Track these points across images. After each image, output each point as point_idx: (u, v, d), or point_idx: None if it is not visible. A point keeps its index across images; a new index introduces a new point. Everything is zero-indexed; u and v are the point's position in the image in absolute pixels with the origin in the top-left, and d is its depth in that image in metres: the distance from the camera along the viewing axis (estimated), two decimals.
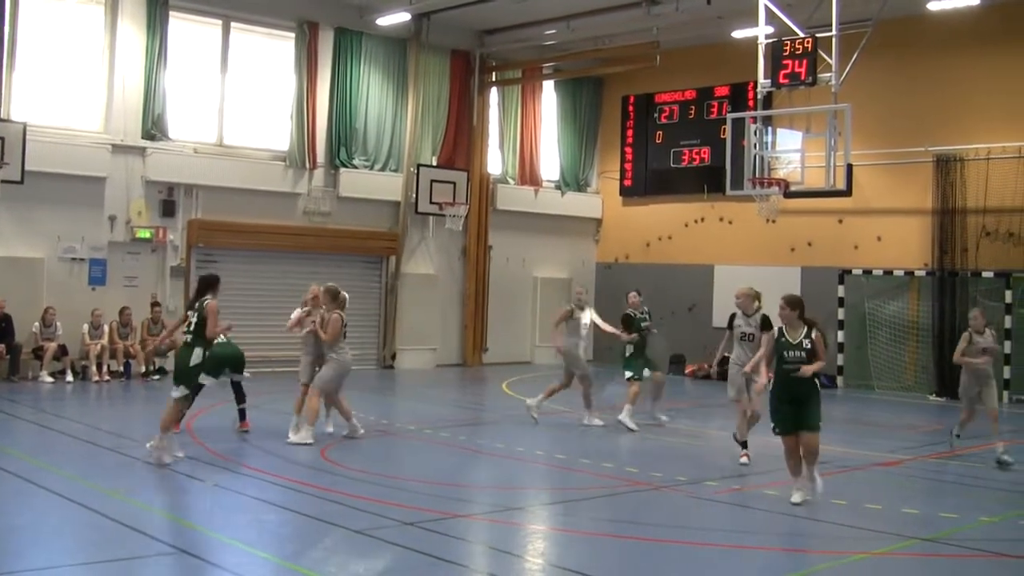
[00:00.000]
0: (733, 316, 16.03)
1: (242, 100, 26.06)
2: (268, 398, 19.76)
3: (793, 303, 12.75)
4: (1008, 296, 24.49)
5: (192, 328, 14.08)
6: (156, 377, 23.43)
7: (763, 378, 13.22)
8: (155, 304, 23.91)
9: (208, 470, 13.45)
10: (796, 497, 12.51)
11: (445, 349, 29.19)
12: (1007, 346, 24.44)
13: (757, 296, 15.90)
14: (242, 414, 16.72)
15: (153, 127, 24.21)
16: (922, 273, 25.87)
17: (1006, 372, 24.44)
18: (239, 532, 10.52)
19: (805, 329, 12.54)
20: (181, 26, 24.95)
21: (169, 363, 23.98)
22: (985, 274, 24.85)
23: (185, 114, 25.08)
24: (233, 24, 25.85)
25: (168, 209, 24.64)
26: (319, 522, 11.03)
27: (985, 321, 16.81)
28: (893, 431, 19.83)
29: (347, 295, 16.81)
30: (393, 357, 28.04)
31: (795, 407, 12.44)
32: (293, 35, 26.45)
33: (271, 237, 25.77)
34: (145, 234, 24.21)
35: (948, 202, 25.40)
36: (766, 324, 15.21)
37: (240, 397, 16.76)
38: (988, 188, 24.75)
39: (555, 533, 11.42)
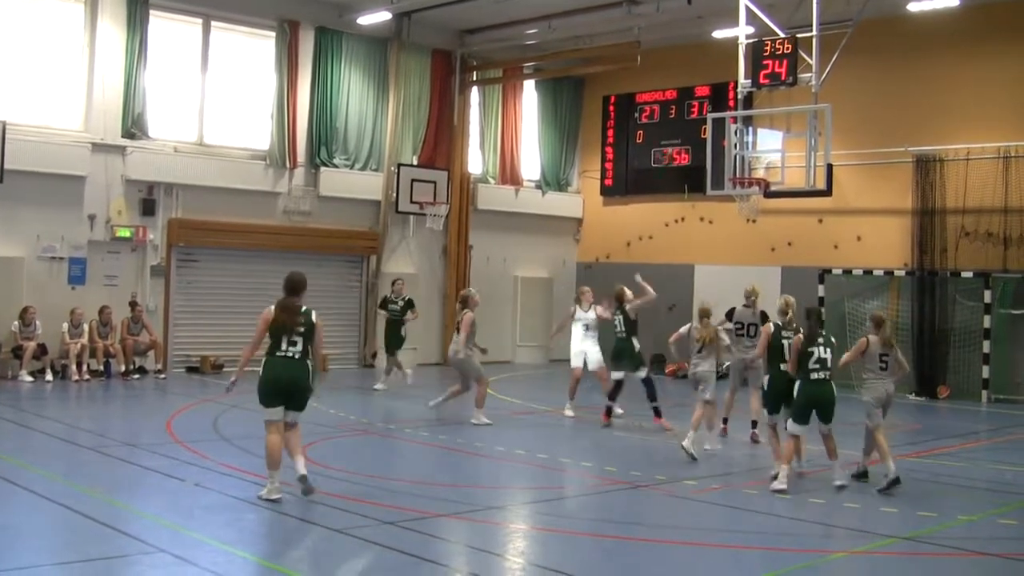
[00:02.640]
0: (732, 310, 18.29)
1: (222, 99, 26.00)
2: (248, 397, 19.69)
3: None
4: (987, 296, 24.59)
5: (301, 340, 12.10)
6: (136, 376, 23.37)
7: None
8: (135, 303, 23.84)
9: (188, 469, 13.42)
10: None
11: (426, 348, 29.16)
12: (985, 346, 24.57)
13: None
14: None
15: (133, 126, 24.14)
16: (902, 273, 25.95)
17: (985, 372, 24.56)
18: (219, 531, 10.50)
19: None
20: (161, 24, 24.88)
21: (149, 362, 23.96)
22: (964, 274, 24.94)
23: (165, 113, 25.02)
24: (213, 23, 25.79)
25: (148, 208, 24.57)
26: (299, 521, 11.04)
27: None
28: None
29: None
30: (374, 356, 28.00)
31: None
32: (274, 34, 26.42)
33: (251, 236, 25.71)
34: (125, 233, 24.13)
35: (927, 202, 25.50)
36: (764, 317, 17.25)
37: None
38: (967, 188, 24.86)
39: (535, 532, 11.44)
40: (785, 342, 14.42)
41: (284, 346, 11.91)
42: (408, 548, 10.02)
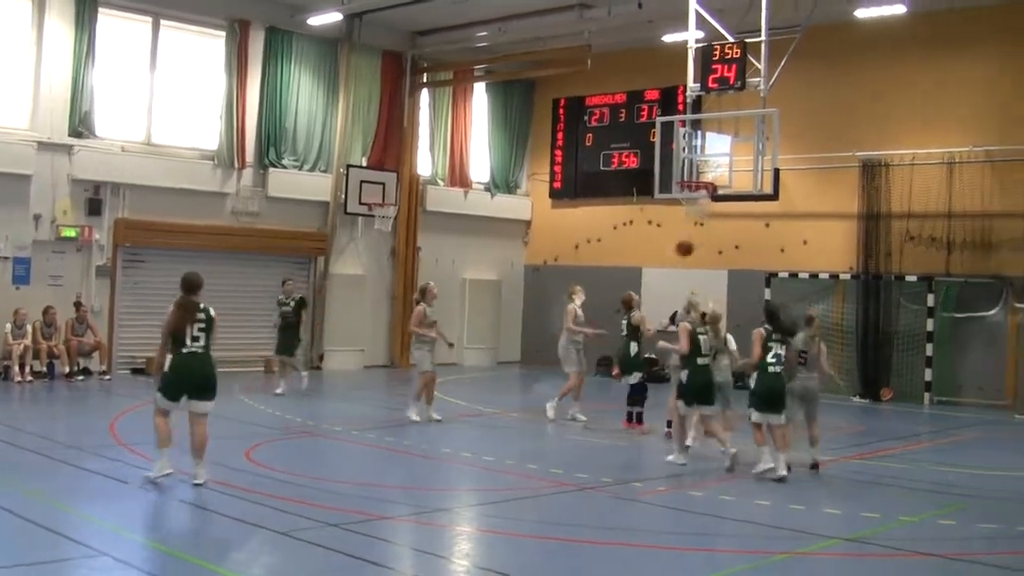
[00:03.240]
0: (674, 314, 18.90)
1: (171, 98, 25.81)
2: None
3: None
4: (930, 300, 24.84)
5: (204, 335, 12.88)
6: (80, 378, 23.18)
7: None
8: (80, 304, 23.64)
9: (131, 471, 13.32)
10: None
11: (373, 350, 29.11)
12: (928, 349, 24.81)
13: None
14: None
15: (80, 124, 23.93)
16: (847, 276, 26.16)
17: (928, 374, 24.80)
18: (162, 534, 10.46)
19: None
20: (110, 23, 24.68)
21: (93, 363, 23.77)
22: (908, 278, 25.20)
23: (113, 112, 24.82)
24: (163, 21, 25.61)
25: (94, 208, 24.37)
26: (242, 523, 10.98)
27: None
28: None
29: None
30: (321, 358, 27.93)
31: None
32: (224, 33, 26.28)
33: (199, 237, 25.53)
34: (71, 233, 23.93)
35: (873, 207, 25.73)
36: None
37: None
38: (912, 193, 25.10)
39: (480, 534, 11.45)
40: (702, 338, 15.39)
41: (188, 342, 12.57)
42: (353, 551, 10.01)
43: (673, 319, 19.06)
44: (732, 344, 16.70)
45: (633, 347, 18.90)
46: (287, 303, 22.52)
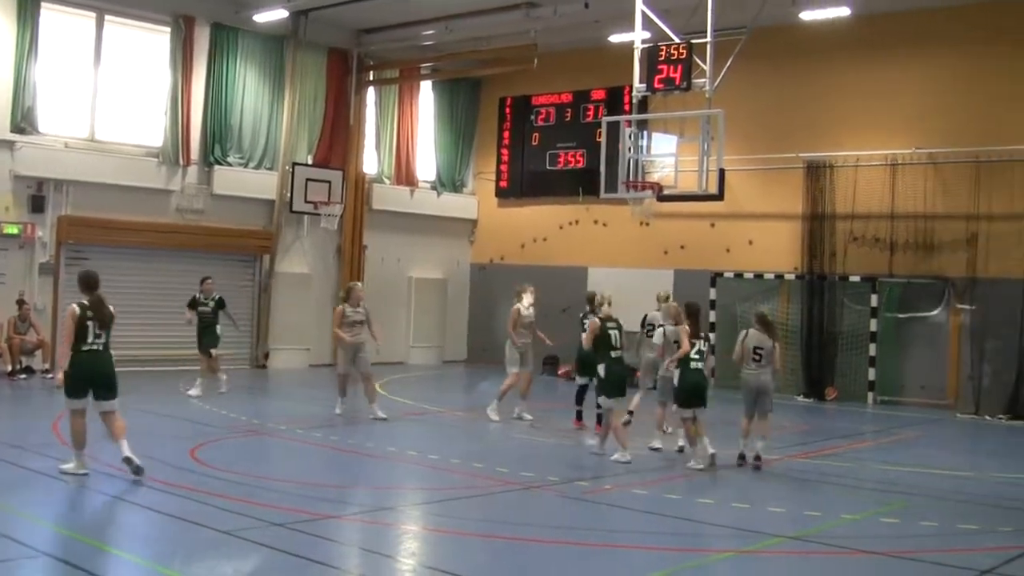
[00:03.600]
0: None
1: (115, 94, 25.62)
2: (138, 397, 19.44)
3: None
4: (874, 300, 25.05)
5: (105, 333, 13.28)
6: (23, 376, 22.96)
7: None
8: (22, 302, 23.41)
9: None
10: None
11: (319, 349, 29.00)
12: (872, 349, 25.03)
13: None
14: None
15: (23, 120, 23.69)
16: (792, 277, 26.34)
17: (871, 374, 25.01)
18: (105, 534, 10.39)
19: None
20: (53, 17, 24.45)
21: (36, 362, 23.55)
22: (852, 278, 25.41)
23: (56, 108, 24.59)
24: (107, 17, 25.41)
25: (37, 204, 24.11)
26: (187, 523, 10.91)
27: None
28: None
29: None
30: (266, 356, 27.82)
31: None
32: (168, 29, 26.10)
33: (143, 234, 25.32)
34: (13, 230, 23.68)
35: (818, 207, 25.94)
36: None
37: None
38: (856, 195, 25.33)
39: (426, 533, 11.44)
40: (612, 332, 16.06)
41: (91, 339, 12.80)
42: (297, 550, 9.97)
43: (643, 323, 20.26)
44: (659, 339, 16.83)
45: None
46: (206, 303, 21.81)
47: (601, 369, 15.92)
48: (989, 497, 14.29)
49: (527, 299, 19.76)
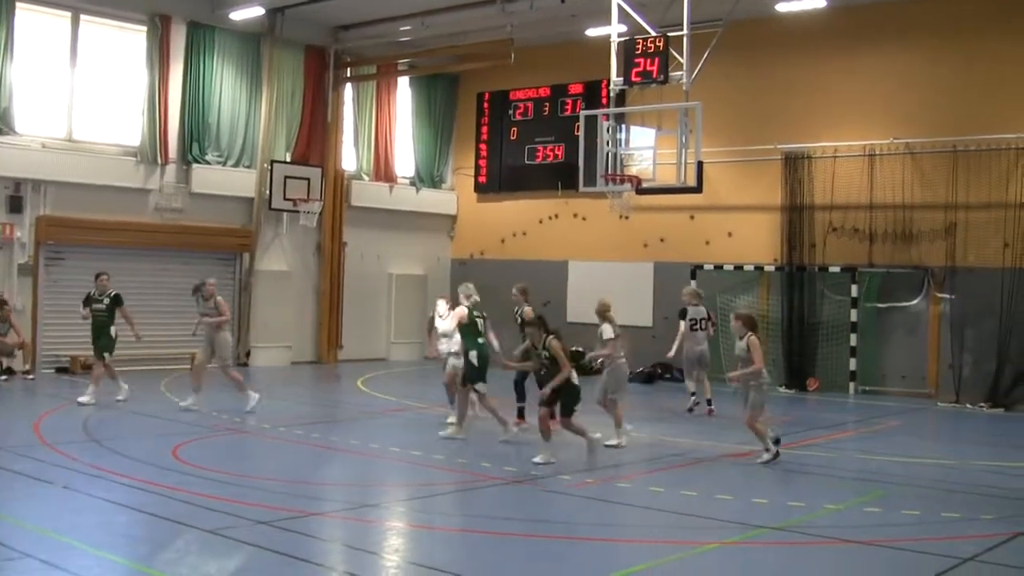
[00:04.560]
0: (685, 310, 21.13)
1: (92, 94, 25.55)
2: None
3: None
4: (854, 290, 25.13)
5: None
6: (3, 377, 22.84)
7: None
8: (3, 302, 23.30)
9: (56, 472, 13.20)
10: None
11: (300, 346, 29.01)
12: (853, 339, 25.10)
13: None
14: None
15: None
16: (771, 268, 26.39)
17: (852, 364, 25.08)
18: (88, 535, 10.33)
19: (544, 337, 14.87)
20: (29, 17, 24.40)
21: (17, 363, 23.46)
22: (832, 269, 25.47)
23: (33, 108, 24.53)
24: (83, 16, 25.34)
25: (15, 205, 24.06)
26: (170, 523, 10.89)
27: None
28: (743, 423, 20.15)
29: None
30: (247, 355, 27.77)
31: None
32: (145, 28, 26.04)
33: (122, 234, 25.27)
34: None
35: (796, 198, 25.99)
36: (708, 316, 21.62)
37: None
38: (835, 185, 25.40)
39: (410, 529, 11.43)
40: (479, 320, 16.84)
41: None
42: (282, 548, 9.96)
43: (683, 315, 21.26)
44: (608, 333, 17.02)
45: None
46: (100, 300, 20.32)
47: (474, 356, 16.51)
48: (970, 485, 14.34)
49: (440, 307, 18.88)
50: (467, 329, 16.63)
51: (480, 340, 16.64)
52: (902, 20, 24.91)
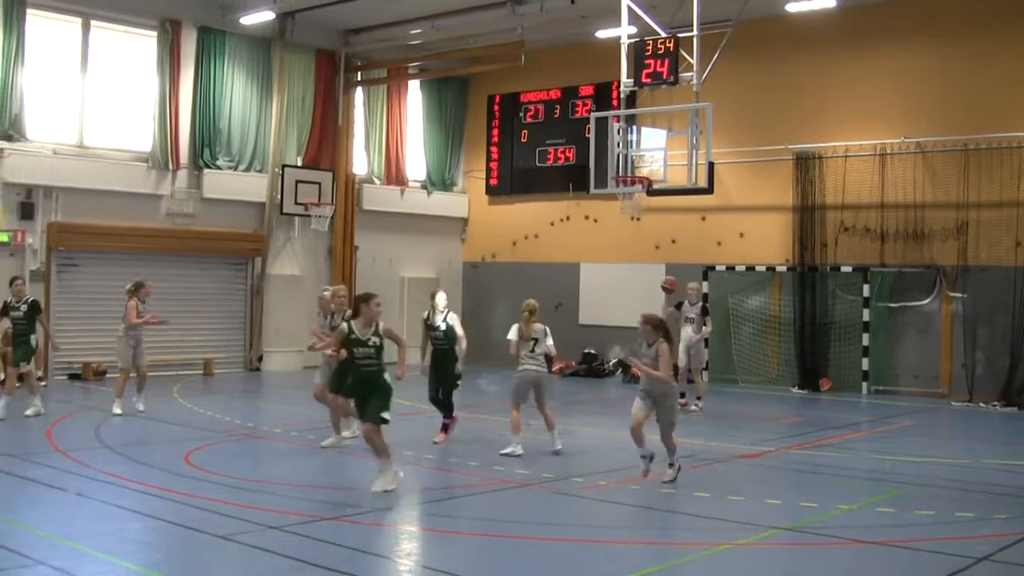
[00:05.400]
0: (682, 303, 21.63)
1: (103, 100, 25.58)
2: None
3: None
4: (866, 290, 25.10)
5: None
6: (17, 384, 22.75)
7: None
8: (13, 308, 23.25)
9: (69, 478, 13.21)
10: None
11: (313, 351, 28.95)
12: (865, 339, 25.05)
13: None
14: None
15: (10, 128, 23.65)
16: (783, 268, 26.39)
17: (864, 364, 25.04)
18: (101, 541, 10.34)
19: (374, 326, 13.21)
20: (39, 23, 24.43)
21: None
22: (844, 268, 25.46)
23: (44, 114, 24.57)
24: (93, 22, 25.37)
25: (27, 211, 24.10)
26: (182, 528, 10.90)
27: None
28: (756, 423, 20.20)
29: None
30: (260, 359, 27.79)
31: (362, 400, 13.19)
32: (155, 33, 26.09)
33: (134, 240, 25.32)
34: (3, 237, 23.64)
35: (808, 199, 25.98)
36: (706, 311, 21.98)
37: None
38: (846, 185, 25.42)
39: (423, 533, 11.44)
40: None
41: None
42: (293, 552, 9.96)
43: (679, 306, 21.70)
44: (512, 335, 16.36)
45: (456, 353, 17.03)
46: (17, 307, 19.51)
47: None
48: (984, 484, 14.32)
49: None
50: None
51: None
52: (911, 19, 24.89)
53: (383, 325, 13.45)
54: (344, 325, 13.35)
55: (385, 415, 12.99)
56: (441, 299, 17.35)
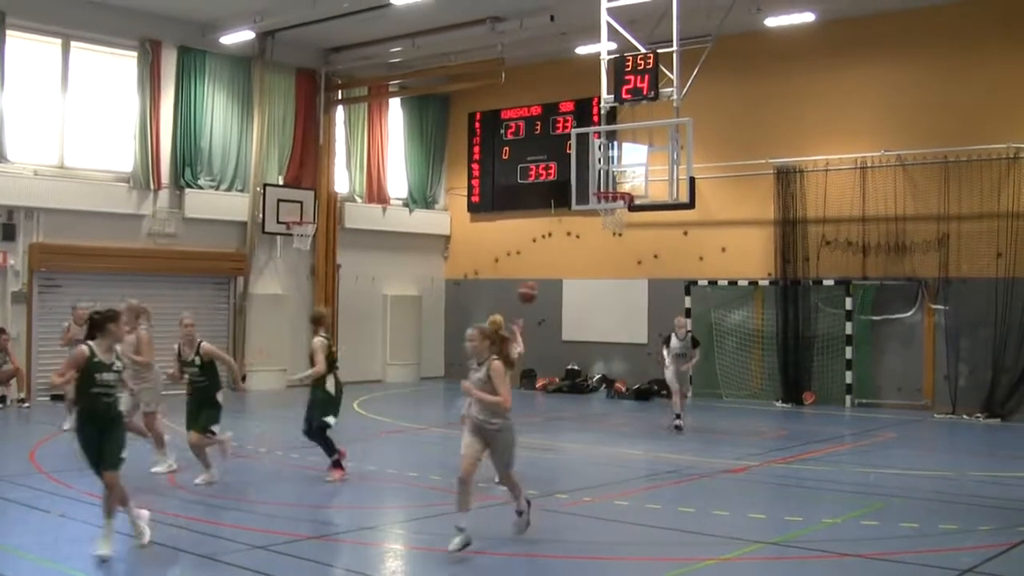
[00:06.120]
0: (669, 337, 20.92)
1: (83, 120, 25.55)
2: None
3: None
4: (848, 303, 25.15)
5: None
6: None
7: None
8: (2, 331, 23.20)
9: (52, 500, 13.16)
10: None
11: (295, 369, 28.72)
12: (848, 352, 25.10)
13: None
14: None
15: None
16: (766, 282, 26.43)
17: (848, 377, 25.08)
18: (85, 563, 10.30)
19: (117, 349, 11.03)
20: (19, 45, 24.40)
21: (12, 391, 23.39)
22: (826, 282, 25.52)
23: (24, 135, 24.53)
24: (73, 43, 25.35)
25: (8, 233, 24.04)
26: (167, 549, 10.85)
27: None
28: (740, 438, 20.22)
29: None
30: (243, 379, 27.68)
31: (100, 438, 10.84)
32: (135, 54, 26.05)
33: (116, 260, 25.26)
34: None
35: (789, 213, 26.05)
36: (695, 342, 21.21)
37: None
38: (827, 199, 25.49)
39: (408, 551, 11.42)
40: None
41: None
42: (280, 572, 9.95)
43: (667, 342, 21.10)
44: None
45: (330, 381, 15.51)
46: None
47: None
48: (968, 496, 14.38)
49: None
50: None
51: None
52: (891, 32, 24.98)
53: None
54: (84, 348, 10.80)
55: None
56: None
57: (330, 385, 15.32)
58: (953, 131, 23.98)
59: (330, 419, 15.22)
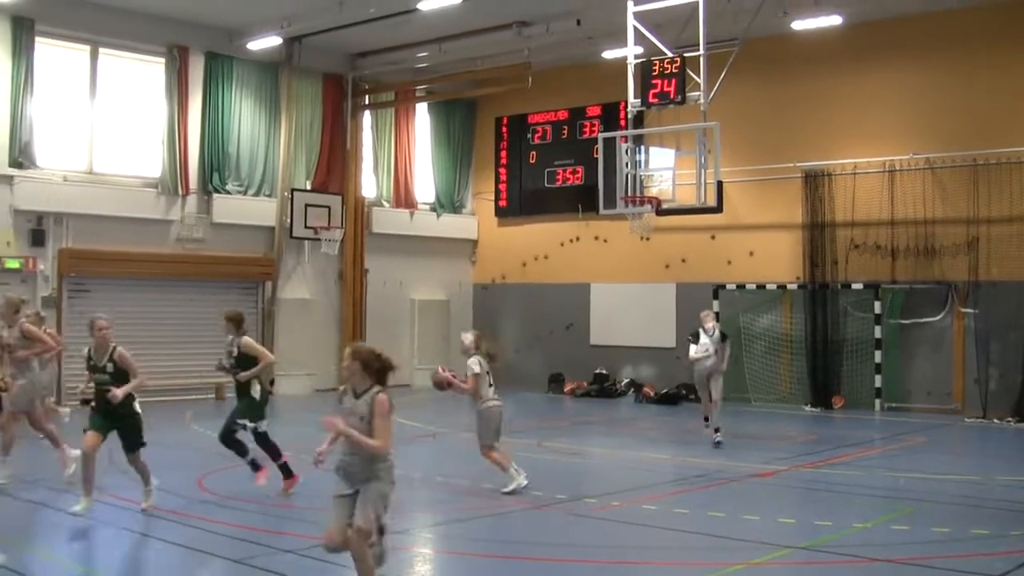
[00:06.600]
0: (697, 333, 19.80)
1: (112, 126, 25.67)
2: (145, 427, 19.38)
3: None
4: (877, 307, 25.04)
5: None
6: None
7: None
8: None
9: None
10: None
11: (323, 374, 28.99)
12: (877, 356, 24.99)
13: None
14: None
15: (20, 155, 23.71)
16: (794, 286, 26.35)
17: (877, 381, 24.98)
18: (115, 567, 10.33)
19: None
20: (48, 51, 24.51)
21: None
22: (855, 286, 25.41)
23: (54, 141, 24.65)
24: (101, 49, 25.47)
25: (38, 238, 24.14)
26: (196, 552, 10.89)
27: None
28: (769, 442, 20.14)
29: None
30: (272, 383, 27.76)
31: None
32: (163, 60, 26.16)
33: (144, 265, 25.36)
34: (14, 264, 23.66)
35: (817, 216, 25.96)
36: (724, 336, 19.98)
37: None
38: (855, 202, 25.41)
39: (437, 555, 11.41)
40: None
41: None
42: None
43: (696, 337, 19.93)
44: (475, 367, 15.14)
45: (255, 385, 15.29)
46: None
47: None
48: (999, 501, 14.26)
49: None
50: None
51: None
52: (918, 35, 24.89)
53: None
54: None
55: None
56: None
57: (255, 391, 15.14)
58: (982, 134, 23.86)
59: (261, 424, 15.06)
